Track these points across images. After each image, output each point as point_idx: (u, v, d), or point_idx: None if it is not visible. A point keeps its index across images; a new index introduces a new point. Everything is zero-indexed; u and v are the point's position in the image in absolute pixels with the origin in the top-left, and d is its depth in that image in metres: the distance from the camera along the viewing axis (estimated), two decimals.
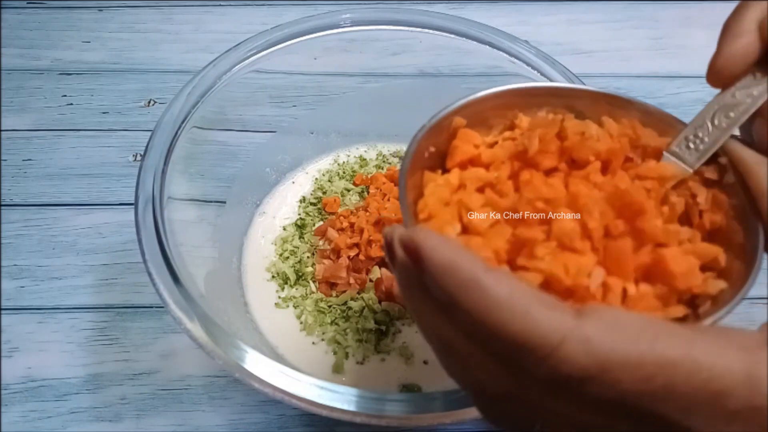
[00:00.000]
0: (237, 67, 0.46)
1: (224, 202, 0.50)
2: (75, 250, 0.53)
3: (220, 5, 0.72)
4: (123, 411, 0.45)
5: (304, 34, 0.48)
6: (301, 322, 0.47)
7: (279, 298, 0.48)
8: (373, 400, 0.32)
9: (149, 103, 0.63)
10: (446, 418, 0.32)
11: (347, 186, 0.54)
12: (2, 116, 0.61)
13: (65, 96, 0.63)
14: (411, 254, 0.21)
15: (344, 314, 0.47)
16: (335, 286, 0.48)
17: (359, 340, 0.46)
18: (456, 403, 0.32)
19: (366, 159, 0.57)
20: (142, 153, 0.41)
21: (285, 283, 0.49)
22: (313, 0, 0.71)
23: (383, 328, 0.46)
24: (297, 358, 0.45)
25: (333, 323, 0.47)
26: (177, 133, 0.42)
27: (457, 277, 0.20)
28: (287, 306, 0.48)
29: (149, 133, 0.42)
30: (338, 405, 0.32)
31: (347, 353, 0.45)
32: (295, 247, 0.51)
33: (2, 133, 0.60)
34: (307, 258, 0.50)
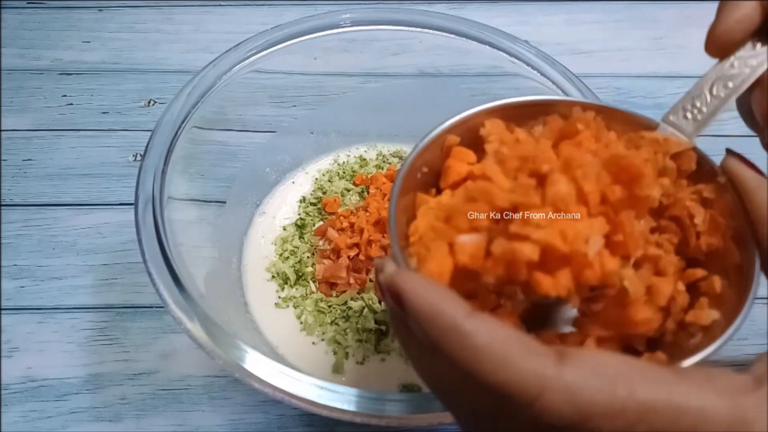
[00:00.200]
0: (237, 67, 0.46)
1: (224, 202, 0.50)
2: (75, 250, 0.53)
3: (220, 5, 0.72)
4: (123, 411, 0.45)
5: (304, 34, 0.48)
6: (301, 322, 0.47)
7: (279, 298, 0.48)
8: (373, 400, 0.32)
9: (149, 103, 0.63)
10: (446, 418, 0.32)
11: (347, 186, 0.54)
12: (2, 116, 0.61)
13: (65, 96, 0.63)
14: (394, 298, 0.21)
15: (344, 314, 0.47)
16: (335, 286, 0.48)
17: (359, 340, 0.46)
18: None
19: (366, 159, 0.57)
20: (142, 153, 0.41)
21: (285, 283, 0.49)
22: (313, 0, 0.71)
23: (383, 328, 0.46)
24: (297, 358, 0.45)
25: (333, 323, 0.47)
26: (177, 133, 0.42)
27: (438, 324, 0.20)
28: (287, 306, 0.48)
29: (149, 133, 0.42)
30: (338, 405, 0.32)
31: (347, 353, 0.45)
32: (295, 247, 0.51)
33: (2, 133, 0.60)
34: (307, 258, 0.50)
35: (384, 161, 0.57)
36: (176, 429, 0.45)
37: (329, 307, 0.47)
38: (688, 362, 0.22)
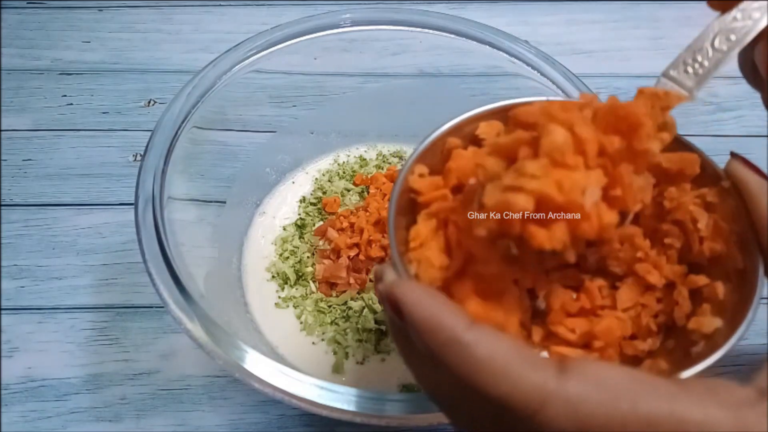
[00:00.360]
0: (237, 67, 0.46)
1: (224, 202, 0.50)
2: (75, 250, 0.53)
3: (220, 5, 0.72)
4: (123, 411, 0.45)
5: (304, 34, 0.48)
6: (301, 322, 0.47)
7: (279, 298, 0.48)
8: (373, 400, 0.32)
9: (149, 103, 0.63)
10: (446, 418, 0.32)
11: (347, 186, 0.54)
12: (2, 116, 0.61)
13: (65, 96, 0.63)
14: (393, 309, 0.21)
15: (344, 314, 0.47)
16: (335, 286, 0.48)
17: (359, 340, 0.46)
18: None
19: (366, 159, 0.57)
20: (142, 153, 0.41)
21: (285, 283, 0.49)
22: (313, 0, 0.71)
23: (383, 328, 0.46)
24: (297, 358, 0.45)
25: (333, 323, 0.47)
26: (177, 133, 0.42)
27: (438, 336, 0.20)
28: (287, 306, 0.48)
29: (149, 133, 0.42)
30: (338, 405, 0.32)
31: (347, 353, 0.45)
32: (295, 247, 0.51)
33: (2, 133, 0.60)
34: (307, 258, 0.50)
35: (384, 161, 0.57)
36: (176, 429, 0.45)
37: (329, 307, 0.47)
38: (689, 372, 0.22)
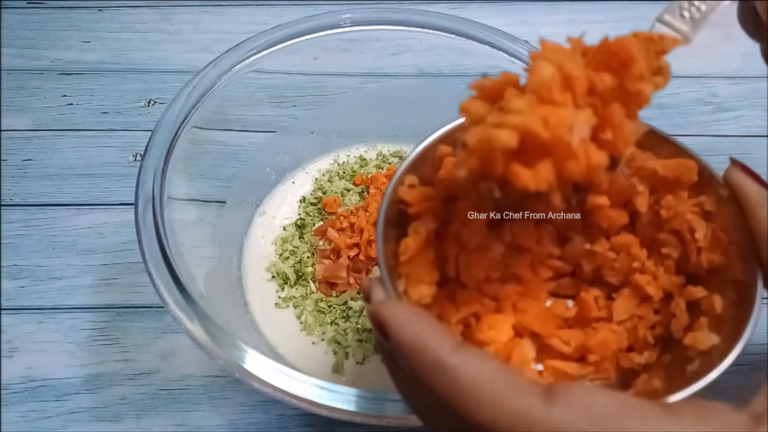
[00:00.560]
0: (237, 67, 0.46)
1: (224, 202, 0.50)
2: (75, 250, 0.53)
3: (220, 5, 0.72)
4: (123, 411, 0.45)
5: (304, 34, 0.48)
6: (301, 322, 0.47)
7: (279, 298, 0.48)
8: (373, 400, 0.32)
9: (149, 103, 0.63)
10: None
11: (347, 186, 0.54)
12: (2, 116, 0.61)
13: (65, 96, 0.63)
14: (379, 329, 0.21)
15: (344, 314, 0.47)
16: (335, 286, 0.48)
17: (359, 340, 0.46)
18: None
19: (366, 159, 0.57)
20: (142, 153, 0.41)
21: (285, 283, 0.49)
22: (313, 0, 0.71)
23: None
24: (297, 358, 0.45)
25: (333, 323, 0.47)
26: (177, 133, 0.42)
27: (422, 359, 0.19)
28: (287, 306, 0.48)
29: (149, 133, 0.42)
30: (338, 405, 0.32)
31: (347, 353, 0.45)
32: (295, 247, 0.51)
33: (2, 133, 0.60)
34: (307, 258, 0.50)
35: (384, 161, 0.57)
36: (176, 429, 0.45)
37: (329, 307, 0.47)
38: (679, 396, 0.22)
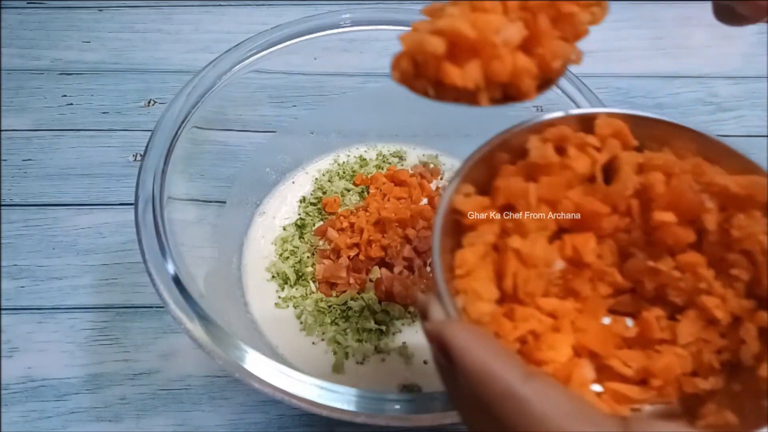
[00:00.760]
0: (237, 67, 0.46)
1: (224, 202, 0.50)
2: (75, 250, 0.53)
3: (220, 5, 0.72)
4: (123, 411, 0.45)
5: (304, 34, 0.48)
6: (301, 322, 0.47)
7: (279, 298, 0.48)
8: (373, 400, 0.32)
9: (149, 103, 0.63)
10: (446, 418, 0.32)
11: (347, 186, 0.54)
12: (2, 116, 0.61)
13: (65, 96, 0.63)
14: (441, 352, 0.20)
15: (344, 314, 0.47)
16: (335, 286, 0.48)
17: (359, 340, 0.46)
18: None
19: (366, 159, 0.57)
20: (142, 153, 0.41)
21: (285, 283, 0.49)
22: (313, 0, 0.71)
23: (383, 328, 0.46)
24: (297, 358, 0.45)
25: (333, 323, 0.47)
26: (177, 133, 0.42)
27: (491, 387, 0.19)
28: (287, 306, 0.48)
29: (149, 133, 0.42)
30: (338, 405, 0.32)
31: (347, 353, 0.45)
32: (295, 247, 0.51)
33: (2, 133, 0.60)
34: (307, 258, 0.50)
35: (384, 161, 0.56)
36: (176, 429, 0.45)
37: (329, 307, 0.47)
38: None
